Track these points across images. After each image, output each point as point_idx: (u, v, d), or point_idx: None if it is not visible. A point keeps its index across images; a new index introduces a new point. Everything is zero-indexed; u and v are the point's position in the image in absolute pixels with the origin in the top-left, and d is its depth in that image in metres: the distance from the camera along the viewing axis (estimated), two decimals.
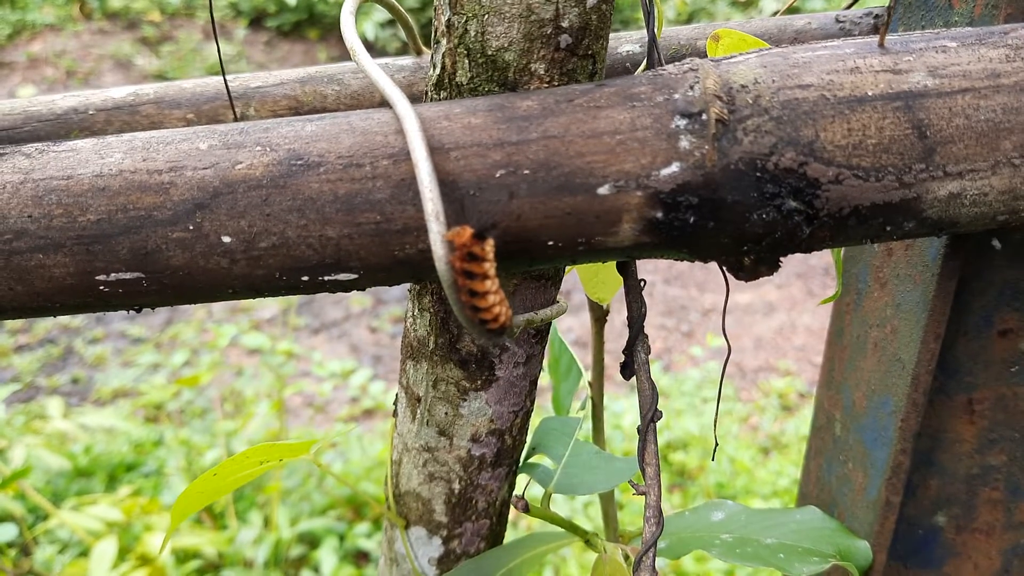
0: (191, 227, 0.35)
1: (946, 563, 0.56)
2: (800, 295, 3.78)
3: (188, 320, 3.53)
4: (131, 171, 0.35)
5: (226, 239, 0.35)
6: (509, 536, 0.56)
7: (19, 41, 5.74)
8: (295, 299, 3.63)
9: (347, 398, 2.95)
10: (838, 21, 0.56)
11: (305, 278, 0.36)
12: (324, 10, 6.07)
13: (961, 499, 0.55)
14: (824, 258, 4.08)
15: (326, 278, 0.36)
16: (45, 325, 3.54)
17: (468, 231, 0.32)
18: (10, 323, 3.54)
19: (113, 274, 0.35)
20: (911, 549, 0.56)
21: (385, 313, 3.66)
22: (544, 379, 0.71)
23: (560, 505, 2.20)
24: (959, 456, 0.53)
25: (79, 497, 2.19)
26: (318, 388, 2.97)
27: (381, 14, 5.80)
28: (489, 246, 0.32)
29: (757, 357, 3.28)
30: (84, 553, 2.06)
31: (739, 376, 3.15)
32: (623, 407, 2.74)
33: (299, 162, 0.35)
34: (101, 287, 0.36)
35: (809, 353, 3.32)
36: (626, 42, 0.56)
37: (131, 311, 0.38)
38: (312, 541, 2.19)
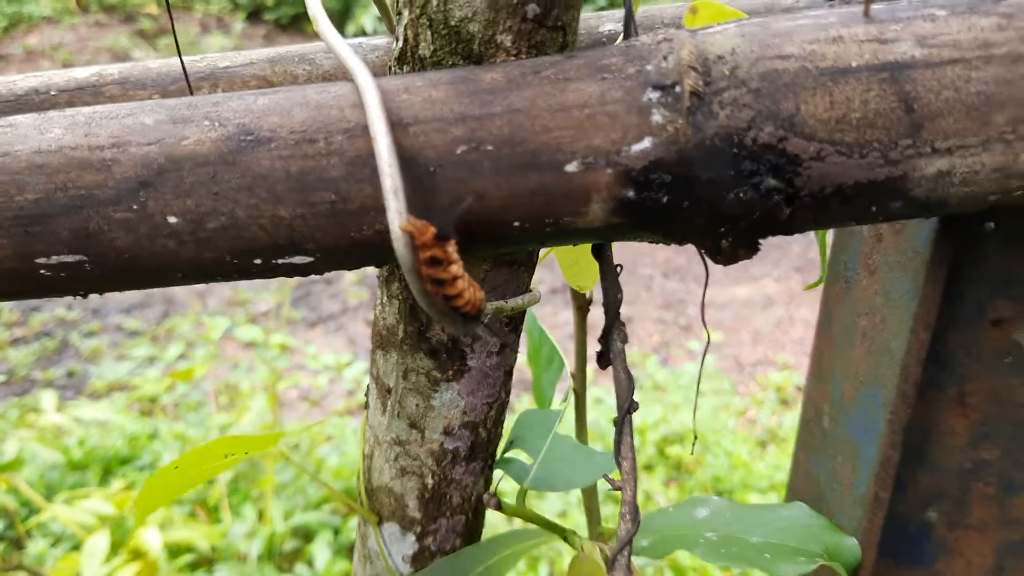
0: (135, 206, 0.33)
1: (938, 560, 0.54)
2: (798, 289, 3.76)
3: (184, 313, 3.51)
4: (71, 147, 0.33)
5: (172, 219, 0.33)
6: (500, 530, 0.55)
7: (15, 34, 5.71)
8: (291, 292, 3.61)
9: (343, 391, 2.93)
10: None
11: (258, 261, 0.34)
12: (323, 3, 6.05)
13: (953, 495, 0.53)
14: None
15: (280, 261, 0.34)
16: (41, 318, 3.53)
17: (430, 231, 0.30)
18: (5, 316, 3.53)
19: (54, 257, 0.34)
20: (901, 546, 0.54)
21: None
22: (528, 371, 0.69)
23: (552, 500, 2.18)
24: (951, 450, 0.51)
25: (73, 491, 2.17)
26: (313, 381, 2.95)
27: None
28: (451, 247, 0.30)
29: (755, 351, 3.26)
30: (77, 547, 2.05)
31: (737, 370, 3.14)
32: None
33: (249, 138, 0.33)
34: (42, 271, 0.34)
35: (807, 347, 3.30)
36: (608, 21, 0.54)
37: (76, 296, 0.36)
38: (306, 535, 2.17)
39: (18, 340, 3.38)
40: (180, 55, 0.47)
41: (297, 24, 6.21)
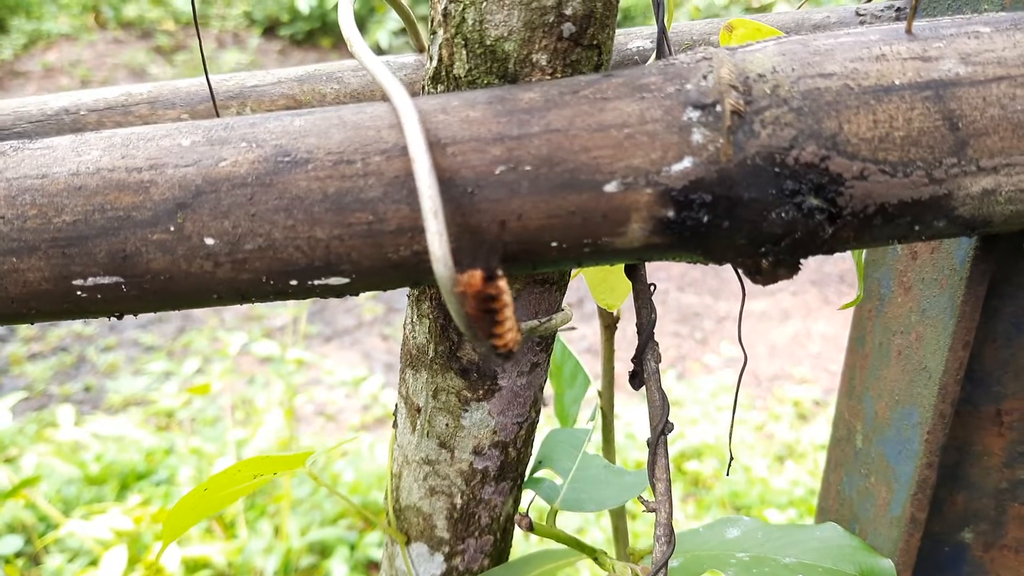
0: (172, 228, 0.33)
1: None
2: (815, 302, 3.73)
3: (200, 328, 3.53)
4: (109, 169, 0.33)
5: (209, 241, 0.33)
6: (522, 551, 0.54)
7: (34, 51, 5.77)
8: (306, 307, 3.62)
9: (359, 406, 2.93)
10: (858, 15, 0.54)
11: (294, 282, 0.34)
12: (337, 19, 6.09)
13: (989, 515, 0.52)
14: (839, 264, 4.04)
15: (316, 282, 0.34)
16: (58, 333, 3.55)
17: (479, 276, 0.30)
18: (23, 331, 3.55)
19: (91, 279, 0.33)
20: (936, 567, 0.53)
21: (397, 321, 3.65)
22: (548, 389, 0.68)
23: (570, 517, 2.17)
24: (987, 470, 0.50)
25: (90, 506, 2.18)
26: (329, 396, 2.96)
27: (396, 23, 5.80)
28: (502, 283, 0.30)
29: (772, 364, 3.24)
30: (94, 562, 2.05)
31: (754, 384, 3.12)
32: (636, 415, 2.71)
33: (286, 159, 0.33)
34: (78, 292, 0.34)
35: (825, 361, 3.27)
36: (636, 38, 0.54)
37: (111, 318, 0.36)
38: (323, 551, 2.17)
39: (35, 355, 3.40)
40: (207, 75, 0.47)
41: (312, 40, 6.25)
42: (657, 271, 3.99)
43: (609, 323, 0.58)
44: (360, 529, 2.25)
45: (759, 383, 3.13)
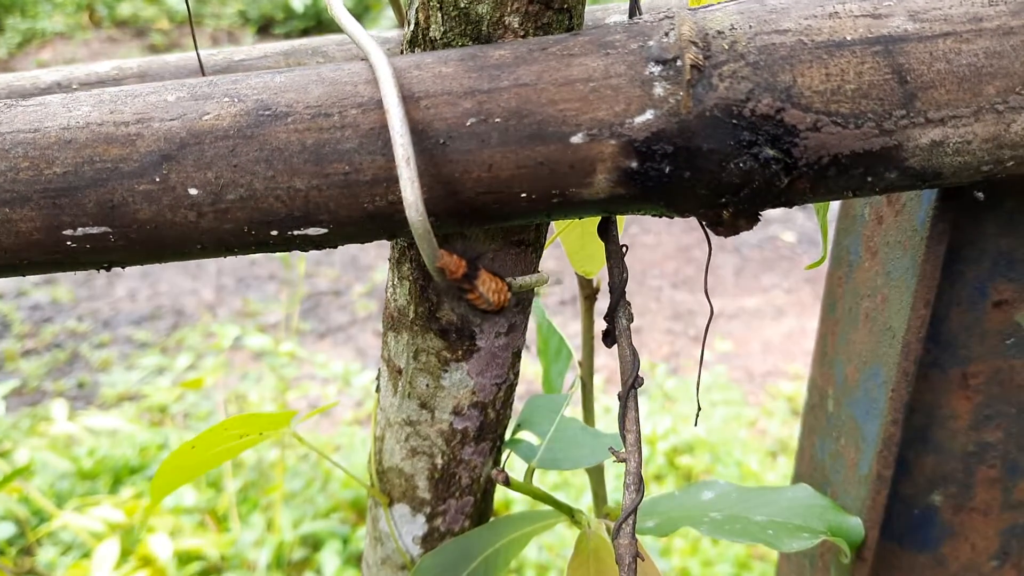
0: (157, 179, 0.34)
1: (943, 544, 0.55)
2: (809, 300, 3.75)
3: (193, 325, 3.53)
4: (98, 123, 0.35)
5: (193, 191, 0.34)
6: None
7: (29, 49, 5.78)
8: (300, 303, 3.63)
9: (352, 401, 2.94)
10: None
11: (274, 232, 0.35)
12: (332, 17, 6.11)
13: (957, 478, 0.53)
14: None
15: (295, 232, 0.35)
16: (52, 330, 3.55)
17: (462, 268, 0.36)
18: (17, 328, 3.55)
19: (80, 228, 0.35)
20: (907, 529, 0.55)
21: None
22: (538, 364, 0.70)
23: (560, 493, 2.18)
24: (954, 433, 0.52)
25: (83, 499, 2.19)
26: (323, 391, 2.97)
27: (389, 20, 5.82)
28: (481, 288, 0.38)
29: (766, 361, 3.26)
30: (87, 555, 2.06)
31: (747, 380, 3.13)
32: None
33: (267, 112, 0.34)
34: (68, 242, 0.35)
35: None
36: (615, 13, 0.56)
37: (100, 270, 0.38)
38: (315, 544, 2.18)
39: (29, 352, 3.40)
40: (197, 48, 0.49)
41: (306, 37, 6.26)
42: (651, 268, 4.01)
43: (588, 293, 0.59)
44: (352, 523, 2.26)
45: (753, 379, 3.15)
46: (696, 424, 0.43)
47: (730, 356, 3.28)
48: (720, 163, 0.33)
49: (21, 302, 3.75)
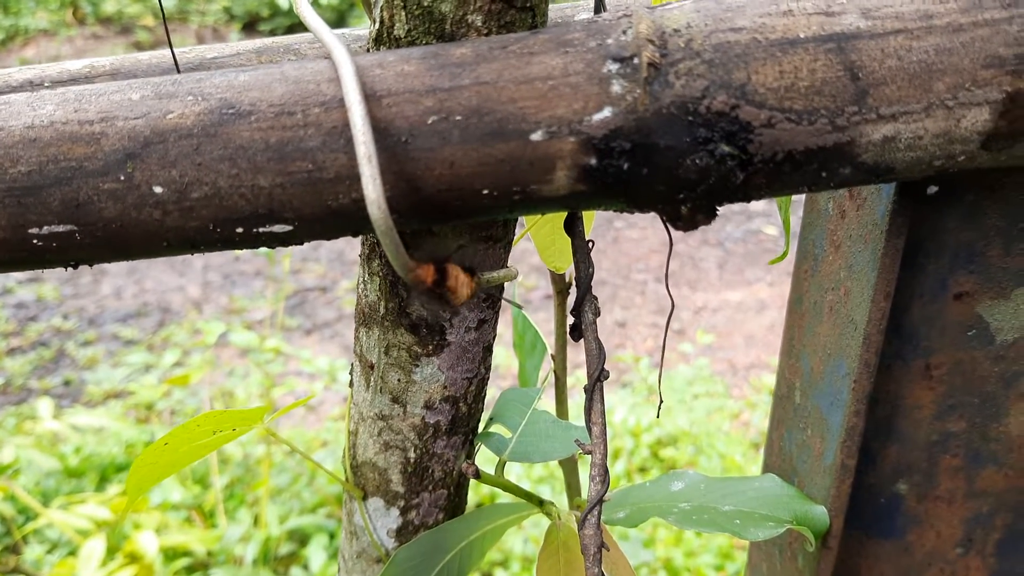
0: (122, 177, 0.34)
1: (908, 532, 0.56)
2: None
3: (180, 322, 3.52)
4: (63, 122, 0.35)
5: (158, 189, 0.34)
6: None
7: (12, 47, 5.74)
8: (285, 299, 3.63)
9: (338, 398, 2.94)
10: None
11: (240, 230, 0.36)
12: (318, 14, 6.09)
13: (922, 467, 0.54)
14: None
15: (261, 230, 0.36)
16: (38, 328, 3.54)
17: (431, 274, 0.37)
18: (2, 326, 3.54)
19: (46, 227, 0.35)
20: (873, 518, 0.56)
21: None
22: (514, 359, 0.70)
23: (545, 487, 2.20)
24: (918, 423, 0.53)
25: (69, 497, 2.18)
26: (309, 386, 2.97)
27: None
28: (451, 281, 0.38)
29: (748, 354, 3.28)
30: (73, 552, 2.06)
31: (730, 373, 3.15)
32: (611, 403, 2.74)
33: (231, 111, 0.34)
34: (34, 241, 0.36)
35: None
36: (583, 11, 0.56)
37: (67, 267, 0.38)
38: (302, 538, 2.18)
39: (15, 350, 3.39)
40: (171, 45, 0.49)
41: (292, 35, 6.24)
42: (636, 263, 4.03)
43: (561, 288, 0.60)
44: (339, 518, 2.26)
45: (736, 372, 3.17)
46: (658, 416, 0.44)
47: (713, 349, 3.30)
48: (677, 159, 0.34)
49: (6, 300, 3.73)
